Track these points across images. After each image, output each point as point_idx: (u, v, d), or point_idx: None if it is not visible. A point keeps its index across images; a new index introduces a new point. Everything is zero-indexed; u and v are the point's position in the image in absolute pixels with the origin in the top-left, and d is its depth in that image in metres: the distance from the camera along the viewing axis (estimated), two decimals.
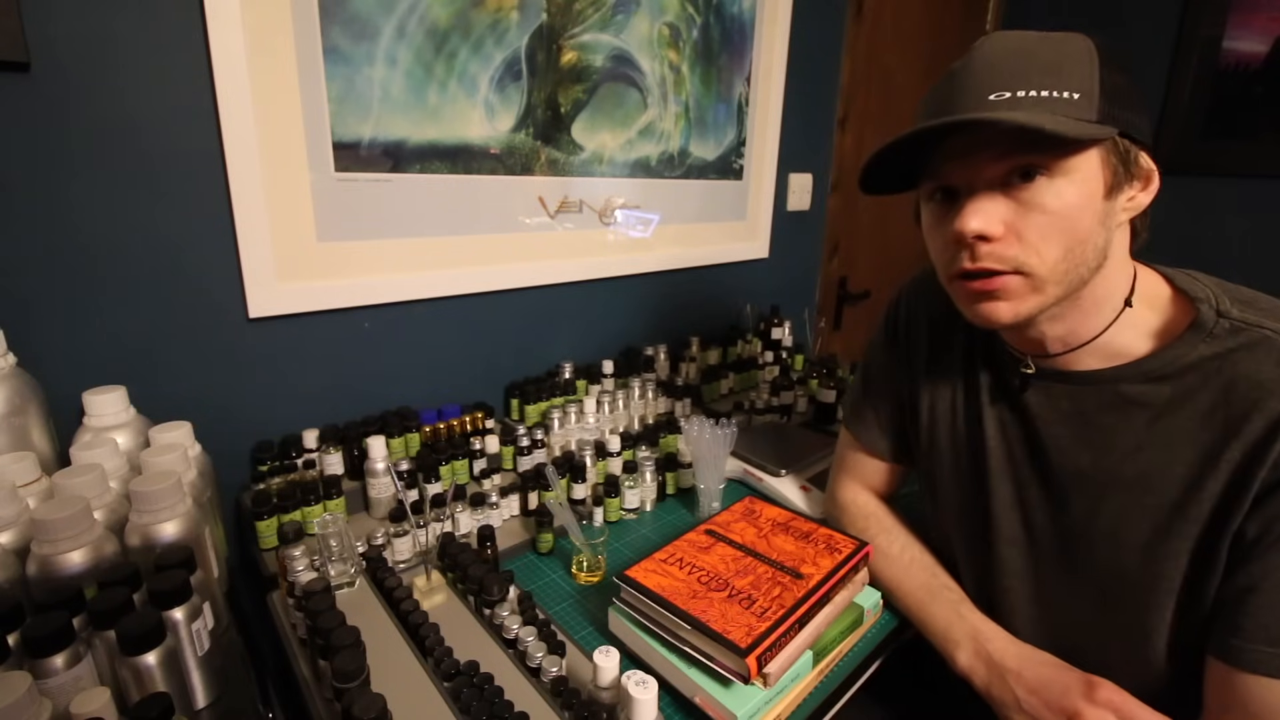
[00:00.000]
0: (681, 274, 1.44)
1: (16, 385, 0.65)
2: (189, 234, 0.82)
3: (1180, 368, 0.55)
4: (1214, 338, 0.54)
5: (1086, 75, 0.50)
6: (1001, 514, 0.67)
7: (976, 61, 0.53)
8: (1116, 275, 0.57)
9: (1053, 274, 0.53)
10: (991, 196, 0.52)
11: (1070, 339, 0.59)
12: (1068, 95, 0.49)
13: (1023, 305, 0.55)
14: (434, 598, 0.71)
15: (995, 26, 2.13)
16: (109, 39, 0.73)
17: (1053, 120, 0.47)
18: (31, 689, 0.42)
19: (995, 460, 0.67)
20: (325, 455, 0.90)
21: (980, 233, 0.52)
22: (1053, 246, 0.52)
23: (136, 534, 0.57)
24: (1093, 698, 0.55)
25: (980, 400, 0.68)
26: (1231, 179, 1.76)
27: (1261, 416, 0.50)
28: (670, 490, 1.01)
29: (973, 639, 0.65)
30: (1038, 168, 0.51)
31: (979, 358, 0.69)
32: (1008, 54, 0.52)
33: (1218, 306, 0.54)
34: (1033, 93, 0.49)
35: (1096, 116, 0.49)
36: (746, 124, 1.47)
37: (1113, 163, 0.51)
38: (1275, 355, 0.51)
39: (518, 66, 1.05)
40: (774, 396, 1.25)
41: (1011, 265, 0.53)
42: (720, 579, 0.66)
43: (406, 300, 1.02)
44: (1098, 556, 0.60)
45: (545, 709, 0.55)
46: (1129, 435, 0.58)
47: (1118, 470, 0.58)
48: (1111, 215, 0.53)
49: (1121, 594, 0.59)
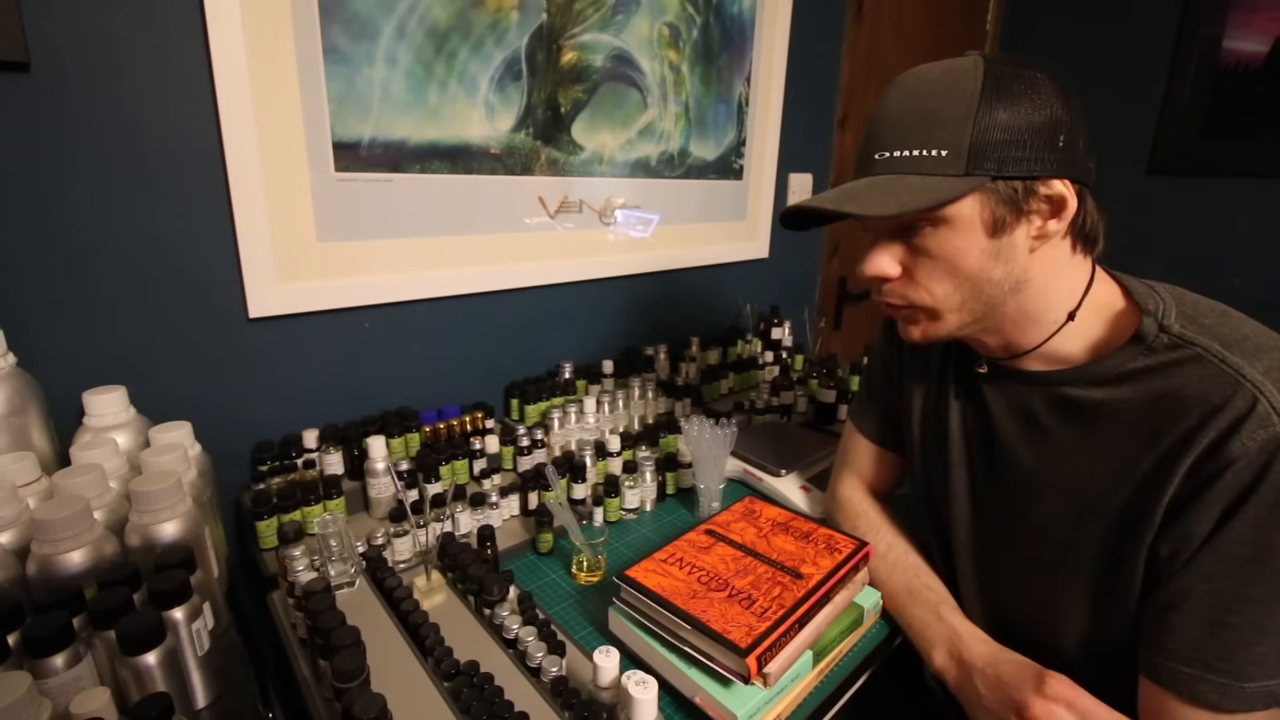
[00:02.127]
0: (681, 274, 1.44)
1: (16, 385, 0.65)
2: (189, 234, 0.82)
3: (1115, 376, 0.57)
4: (1151, 351, 0.55)
5: (958, 129, 0.53)
6: (957, 502, 0.71)
7: (879, 112, 0.58)
8: (1053, 292, 0.59)
9: (945, 306, 0.59)
10: (888, 242, 0.60)
11: (1011, 347, 0.63)
12: (936, 153, 0.54)
13: (929, 329, 0.62)
14: (434, 598, 0.71)
15: (995, 26, 2.13)
16: (109, 39, 0.73)
17: (885, 202, 0.54)
18: (31, 689, 0.42)
19: (955, 451, 0.71)
20: (325, 455, 0.90)
21: (877, 275, 0.60)
22: (940, 284, 0.58)
23: (136, 534, 0.57)
24: (1042, 690, 0.55)
25: (948, 395, 0.71)
26: (1231, 179, 1.75)
27: (1176, 430, 0.52)
28: (670, 490, 1.01)
29: (948, 640, 0.65)
30: (916, 222, 0.56)
31: (952, 356, 0.72)
32: (901, 107, 0.57)
33: (1161, 320, 0.55)
34: (906, 152, 0.55)
35: (963, 169, 0.53)
36: (746, 124, 1.47)
37: (991, 205, 0.54)
38: (1199, 373, 0.52)
39: (518, 66, 1.05)
40: (774, 396, 1.25)
41: (905, 301, 0.61)
42: (720, 579, 0.67)
43: (406, 300, 1.02)
44: (1025, 549, 0.64)
45: (545, 709, 0.55)
46: (1064, 437, 0.61)
47: (1050, 470, 0.61)
48: (1009, 249, 0.56)
49: (1047, 585, 0.62)
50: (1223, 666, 0.50)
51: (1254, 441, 0.48)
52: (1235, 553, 0.49)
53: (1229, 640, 0.50)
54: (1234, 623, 0.50)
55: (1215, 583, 0.50)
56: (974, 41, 2.11)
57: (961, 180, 0.53)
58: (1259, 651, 0.49)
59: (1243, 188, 1.74)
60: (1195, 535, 0.51)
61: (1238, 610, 0.49)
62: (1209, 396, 0.51)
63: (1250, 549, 0.49)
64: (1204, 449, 0.50)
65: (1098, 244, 0.59)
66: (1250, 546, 0.49)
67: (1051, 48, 2.04)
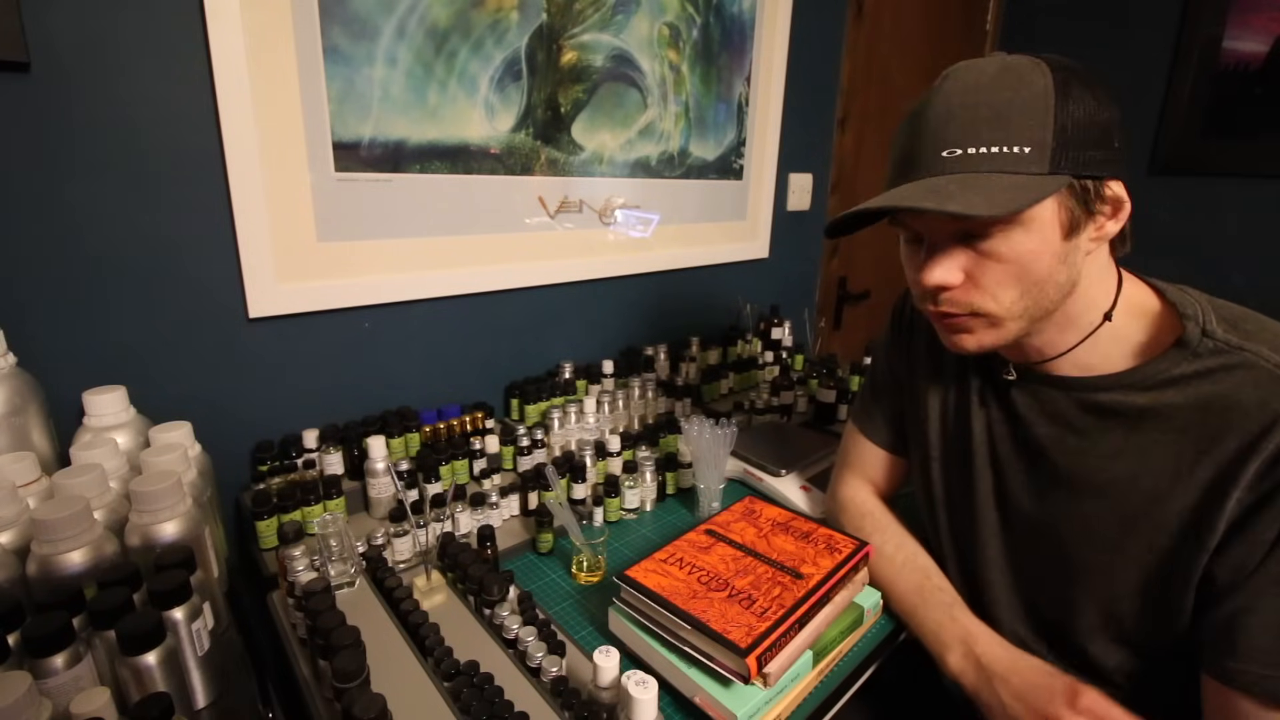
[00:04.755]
0: (681, 274, 1.44)
1: (16, 385, 0.65)
2: (189, 234, 0.82)
3: (1160, 382, 0.56)
4: (1197, 356, 0.55)
5: (1039, 124, 0.50)
6: (982, 506, 0.69)
7: (935, 107, 0.54)
8: (1093, 292, 0.58)
9: (1010, 313, 0.56)
10: (951, 247, 0.55)
11: (1047, 350, 0.61)
12: (1017, 150, 0.50)
13: (985, 338, 0.58)
14: (434, 598, 0.71)
15: (995, 27, 2.13)
16: (109, 39, 0.73)
17: (992, 195, 0.49)
18: (31, 689, 0.42)
19: (979, 456, 0.69)
20: (325, 455, 0.90)
21: (940, 285, 0.56)
22: (1008, 291, 0.55)
23: (136, 534, 0.57)
24: (1075, 705, 0.55)
25: (970, 399, 0.70)
26: (1231, 179, 1.76)
27: (1235, 437, 0.51)
28: (670, 490, 1.01)
29: (963, 642, 0.65)
30: (987, 225, 0.53)
31: (973, 358, 0.70)
32: (963, 101, 0.53)
33: (1204, 325, 0.55)
34: (983, 149, 0.51)
35: (1048, 167, 0.50)
36: (746, 124, 1.47)
37: (1069, 206, 0.52)
38: (1254, 379, 0.52)
39: (518, 66, 1.05)
40: (774, 396, 1.25)
41: (968, 309, 0.57)
42: (720, 579, 0.66)
43: (406, 300, 1.02)
44: (1068, 551, 0.62)
45: (545, 709, 0.55)
46: (1105, 441, 0.60)
47: (1092, 474, 0.60)
48: (1075, 252, 0.55)
49: (1089, 589, 0.61)
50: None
51: None
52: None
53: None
54: None
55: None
56: (974, 41, 2.11)
57: (1049, 179, 0.50)
58: None
59: (1243, 187, 1.75)
60: (1265, 540, 0.50)
61: None
62: (1268, 401, 0.50)
63: None
64: (1270, 455, 0.50)
65: (1127, 244, 0.59)
66: None
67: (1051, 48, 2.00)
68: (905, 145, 0.56)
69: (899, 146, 0.57)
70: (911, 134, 0.55)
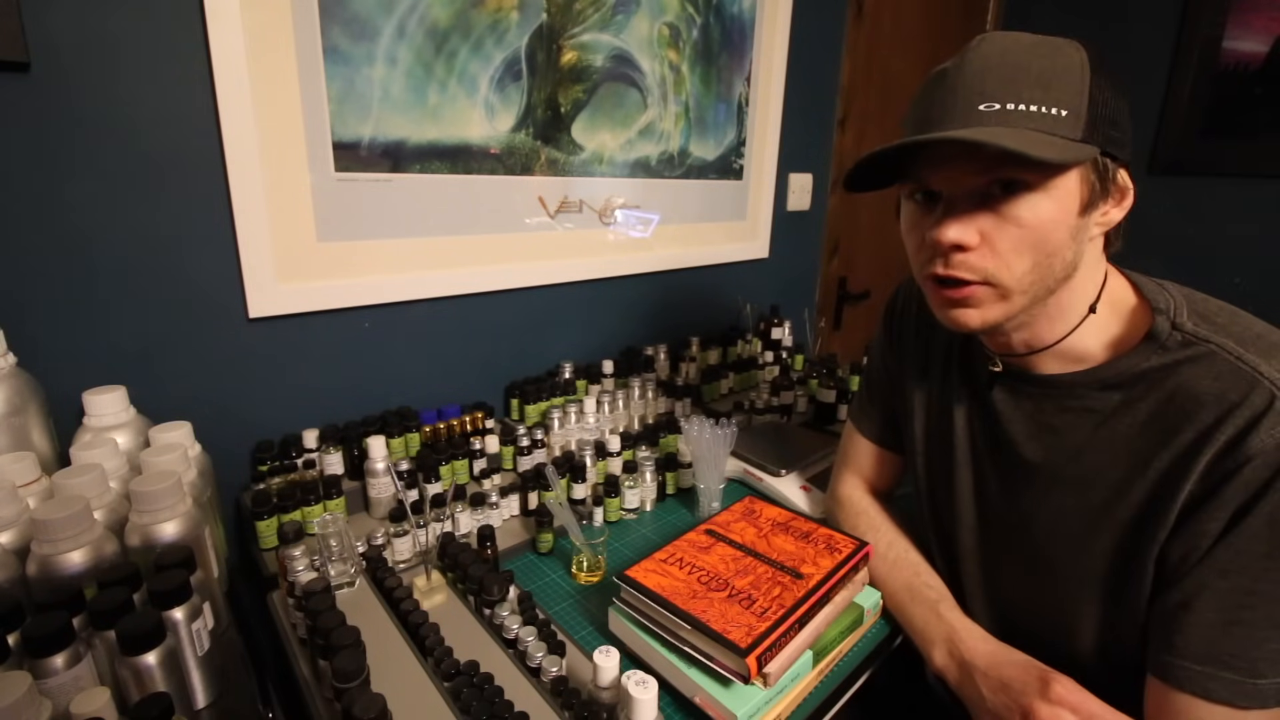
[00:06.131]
0: (681, 274, 1.44)
1: (16, 385, 0.65)
2: (189, 234, 0.82)
3: (1130, 376, 0.56)
4: (1165, 349, 0.55)
5: (1076, 91, 0.50)
6: (962, 502, 0.70)
7: (970, 65, 0.52)
8: (1084, 283, 0.58)
9: (1019, 285, 0.54)
10: (971, 206, 0.53)
11: (1034, 342, 0.61)
12: (1056, 112, 0.50)
13: (990, 313, 0.57)
14: (434, 598, 0.71)
15: (995, 27, 2.13)
16: (109, 39, 0.73)
17: (1037, 144, 0.48)
18: (31, 689, 0.42)
19: (960, 451, 0.70)
20: (325, 455, 0.90)
21: (957, 243, 0.53)
22: (1023, 259, 0.53)
23: (136, 534, 0.57)
24: (1047, 695, 0.55)
25: (953, 395, 0.71)
26: (1231, 179, 1.75)
27: (1192, 428, 0.52)
28: (670, 490, 1.01)
29: (948, 639, 0.65)
30: (1019, 183, 0.51)
31: (957, 354, 0.71)
32: (1001, 60, 0.51)
33: (1174, 319, 0.55)
34: (1022, 106, 0.50)
35: (1081, 135, 0.50)
36: (746, 124, 1.47)
37: (1091, 180, 0.52)
38: (1215, 369, 0.52)
39: (518, 66, 1.05)
40: (774, 396, 1.25)
41: (981, 275, 0.54)
42: (720, 579, 0.66)
43: (406, 300, 1.02)
44: (1036, 547, 0.63)
45: (545, 709, 0.55)
46: (1076, 437, 0.60)
47: (1063, 469, 0.61)
48: (1085, 230, 0.54)
49: (1055, 585, 0.62)
50: (1236, 663, 0.49)
51: (1272, 438, 0.48)
52: (1251, 549, 0.49)
53: (1242, 637, 0.49)
54: (1248, 619, 0.49)
55: (1230, 579, 0.50)
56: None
57: (1083, 146, 0.50)
58: (1272, 648, 0.49)
59: (1243, 187, 1.74)
60: (1209, 532, 0.51)
61: (1252, 606, 0.49)
62: (1225, 393, 0.50)
63: (1266, 545, 0.48)
64: (1221, 446, 0.50)
65: (1119, 241, 0.59)
66: (1266, 543, 0.48)
67: None
68: (931, 100, 0.54)
69: (922, 104, 0.55)
70: (941, 88, 0.53)
